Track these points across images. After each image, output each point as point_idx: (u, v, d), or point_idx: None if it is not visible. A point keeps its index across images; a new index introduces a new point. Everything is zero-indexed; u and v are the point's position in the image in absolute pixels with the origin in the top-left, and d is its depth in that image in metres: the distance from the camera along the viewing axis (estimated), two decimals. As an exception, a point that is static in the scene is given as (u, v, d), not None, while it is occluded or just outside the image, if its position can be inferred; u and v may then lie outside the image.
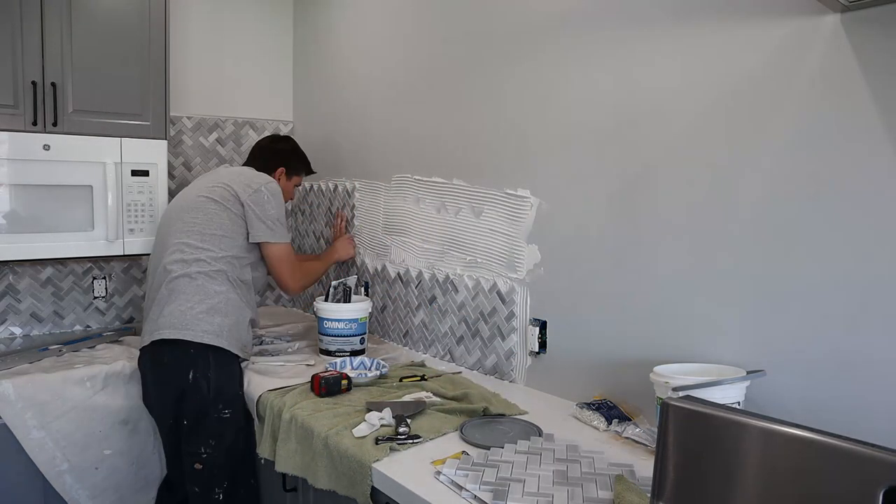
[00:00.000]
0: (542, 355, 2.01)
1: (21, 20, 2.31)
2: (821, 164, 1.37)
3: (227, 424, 2.07)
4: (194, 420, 2.06)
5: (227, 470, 2.07)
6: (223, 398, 2.07)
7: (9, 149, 2.31)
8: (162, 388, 2.13)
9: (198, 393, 2.05)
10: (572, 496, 1.30)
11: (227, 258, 2.18)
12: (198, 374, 2.06)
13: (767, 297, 1.46)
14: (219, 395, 2.06)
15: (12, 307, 2.67)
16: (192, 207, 2.23)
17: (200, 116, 3.05)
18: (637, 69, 1.71)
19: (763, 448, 1.04)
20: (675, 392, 1.36)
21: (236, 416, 2.09)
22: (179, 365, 2.07)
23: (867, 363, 1.31)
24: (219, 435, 2.06)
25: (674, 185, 1.64)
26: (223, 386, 2.08)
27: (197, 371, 2.06)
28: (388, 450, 1.54)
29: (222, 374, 2.09)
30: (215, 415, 2.06)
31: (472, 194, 2.21)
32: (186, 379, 2.05)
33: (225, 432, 2.07)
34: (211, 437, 2.05)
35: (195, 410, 2.06)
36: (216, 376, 2.08)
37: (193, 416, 2.07)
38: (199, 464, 2.05)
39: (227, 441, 2.07)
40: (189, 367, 2.06)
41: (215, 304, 2.12)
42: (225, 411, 2.07)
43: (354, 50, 2.82)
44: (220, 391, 2.07)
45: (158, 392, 2.15)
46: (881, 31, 1.27)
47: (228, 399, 2.08)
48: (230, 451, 2.07)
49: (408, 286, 2.52)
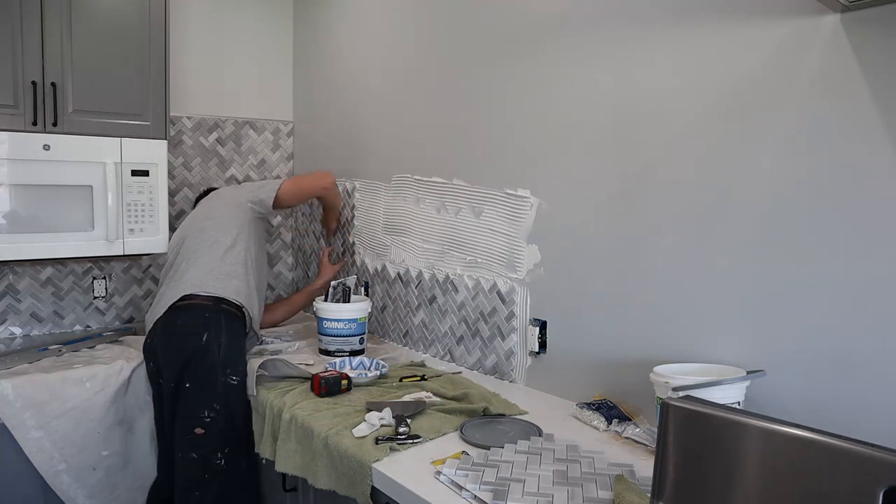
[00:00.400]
0: (542, 355, 2.01)
1: (21, 20, 2.31)
2: (821, 164, 1.37)
3: (232, 391, 2.10)
4: (199, 383, 2.08)
5: (229, 436, 2.08)
6: (231, 364, 2.11)
7: (9, 149, 2.31)
8: (171, 353, 2.15)
9: (208, 356, 2.09)
10: (572, 496, 1.30)
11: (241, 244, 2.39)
12: (210, 337, 2.11)
13: (767, 297, 1.46)
14: (228, 360, 2.11)
15: (12, 307, 2.67)
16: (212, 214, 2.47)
17: (200, 116, 3.05)
18: (637, 69, 1.71)
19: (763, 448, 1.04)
20: (675, 392, 1.36)
21: (242, 383, 2.12)
22: (193, 327, 2.13)
23: (867, 363, 1.31)
24: (224, 399, 2.08)
25: (674, 184, 1.64)
26: (233, 352, 2.14)
27: (210, 334, 2.11)
28: (388, 450, 1.54)
29: (234, 339, 2.17)
30: (223, 379, 2.09)
31: (472, 194, 2.21)
32: (199, 341, 2.10)
33: (230, 398, 2.09)
34: (216, 402, 2.07)
35: (202, 373, 2.08)
36: (227, 342, 2.14)
37: (199, 379, 2.08)
38: (200, 428, 2.06)
39: (231, 407, 2.09)
40: (203, 329, 2.12)
41: (232, 269, 2.29)
42: (232, 377, 2.10)
43: (354, 50, 2.82)
44: (230, 357, 2.12)
45: (167, 359, 2.16)
46: (881, 31, 1.27)
47: (236, 366, 2.13)
48: (233, 417, 2.09)
49: (408, 286, 2.52)
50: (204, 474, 2.04)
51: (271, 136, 3.24)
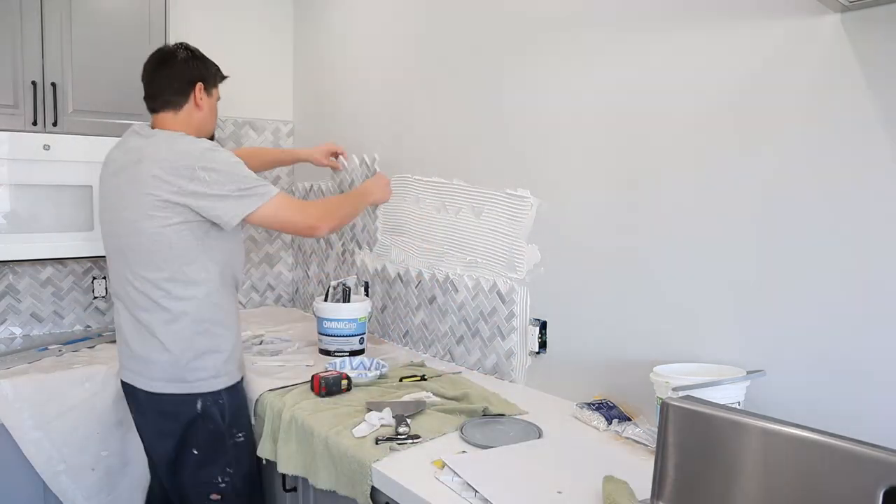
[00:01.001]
0: (542, 355, 2.01)
1: (21, 20, 2.31)
2: (821, 165, 1.37)
3: (242, 449, 1.93)
4: (207, 449, 1.89)
5: (247, 492, 1.95)
6: (237, 422, 1.93)
7: (9, 149, 2.30)
8: (163, 423, 1.90)
9: (211, 422, 1.88)
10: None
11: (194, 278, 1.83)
12: (207, 402, 1.87)
13: (768, 297, 1.46)
14: (234, 419, 1.92)
15: (12, 307, 2.67)
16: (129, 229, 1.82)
17: (200, 116, 3.04)
18: (637, 70, 1.71)
19: (763, 448, 1.04)
20: (675, 392, 1.36)
21: (249, 438, 1.97)
22: (181, 402, 1.86)
23: (867, 363, 1.31)
24: (236, 461, 1.92)
25: (674, 184, 1.64)
26: (236, 409, 1.94)
27: (206, 400, 1.86)
28: (388, 450, 1.54)
29: (233, 396, 1.94)
30: (231, 441, 1.91)
31: (472, 194, 2.21)
32: (194, 409, 1.85)
33: (242, 457, 1.93)
34: (228, 465, 1.90)
35: (208, 439, 1.88)
36: (229, 400, 1.91)
37: (206, 445, 1.89)
38: (216, 494, 1.89)
39: (244, 466, 1.94)
40: (194, 400, 1.86)
41: (201, 346, 1.86)
42: (239, 435, 1.93)
43: (354, 50, 2.82)
44: (234, 415, 1.92)
45: (155, 433, 1.95)
46: (881, 31, 1.27)
47: (242, 423, 1.95)
48: (247, 475, 1.95)
49: (408, 286, 2.52)
50: None
51: (271, 136, 3.24)
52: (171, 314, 1.84)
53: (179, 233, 1.80)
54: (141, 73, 1.97)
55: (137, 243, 1.82)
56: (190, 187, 1.78)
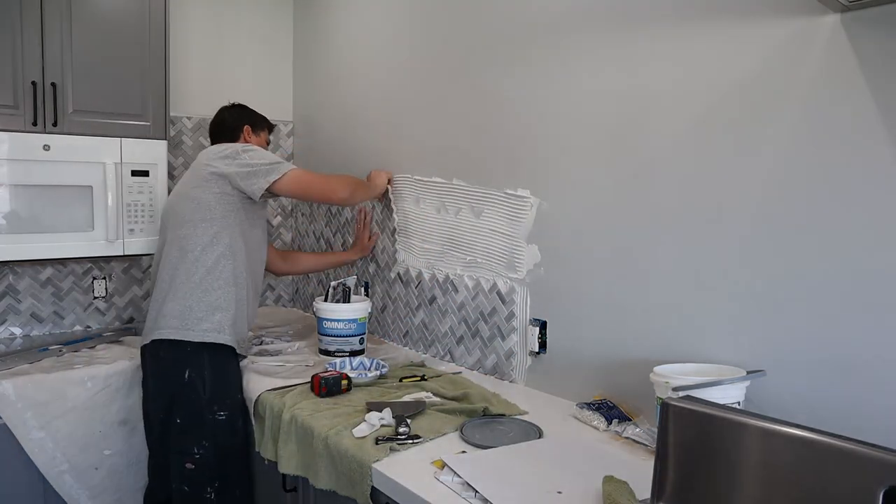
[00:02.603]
0: (542, 355, 2.01)
1: (21, 20, 2.31)
2: (821, 164, 1.37)
3: (221, 426, 2.05)
4: (188, 420, 2.05)
5: (219, 470, 2.06)
6: (218, 400, 2.06)
7: (9, 149, 2.31)
8: (159, 385, 2.12)
9: (193, 393, 2.04)
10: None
11: (222, 243, 2.11)
12: (193, 373, 2.04)
13: (767, 296, 1.46)
14: (214, 396, 2.05)
15: (12, 307, 2.67)
16: (182, 198, 2.17)
17: (200, 116, 3.05)
18: (637, 69, 1.71)
19: (763, 448, 1.04)
20: (675, 392, 1.36)
21: (232, 418, 2.08)
22: (176, 363, 2.06)
23: (867, 363, 1.31)
24: (212, 436, 2.04)
25: (674, 184, 1.64)
26: (219, 387, 2.07)
27: (193, 371, 2.04)
28: (388, 450, 1.54)
29: (219, 375, 2.08)
30: (210, 416, 2.04)
31: (472, 194, 2.21)
32: (182, 378, 2.04)
33: (219, 434, 2.05)
34: (204, 439, 2.04)
35: (189, 410, 2.04)
36: (212, 377, 2.06)
37: (187, 415, 2.05)
38: (190, 463, 2.03)
39: (220, 442, 2.05)
40: (185, 365, 2.05)
41: (215, 300, 2.10)
42: (220, 413, 2.05)
43: (354, 50, 2.82)
44: (216, 393, 2.06)
45: (156, 389, 2.13)
46: (881, 31, 1.27)
47: (224, 401, 2.07)
48: (223, 451, 2.06)
49: (408, 286, 2.52)
50: None
51: (271, 136, 3.23)
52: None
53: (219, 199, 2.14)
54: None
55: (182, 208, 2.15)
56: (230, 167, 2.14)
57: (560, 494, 1.30)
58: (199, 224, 2.12)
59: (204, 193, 2.13)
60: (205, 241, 2.11)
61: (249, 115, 2.50)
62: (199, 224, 2.12)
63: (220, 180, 2.13)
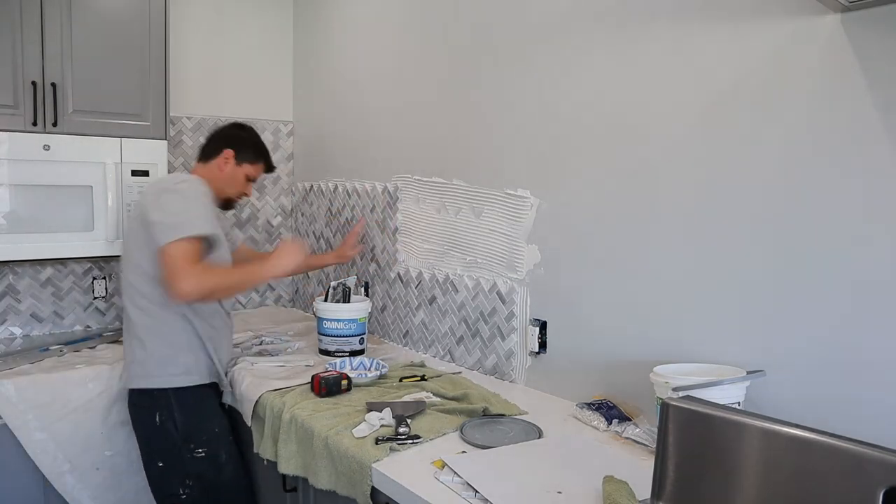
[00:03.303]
0: (542, 355, 2.01)
1: (21, 20, 2.31)
2: (820, 164, 1.37)
3: (202, 463, 2.02)
4: (167, 462, 2.02)
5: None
6: (194, 438, 2.01)
7: (9, 149, 2.31)
8: (137, 432, 2.09)
9: (166, 434, 2.00)
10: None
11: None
12: (163, 416, 2.00)
13: (767, 296, 1.46)
14: (188, 435, 2.01)
15: (12, 307, 2.66)
16: (127, 233, 2.11)
17: (200, 116, 3.05)
18: (637, 70, 1.71)
19: (763, 448, 1.04)
20: (675, 392, 1.36)
21: (213, 453, 2.03)
22: (146, 409, 2.03)
23: (867, 363, 1.31)
24: (195, 475, 2.01)
25: (673, 184, 1.64)
26: (192, 426, 2.02)
27: (162, 414, 2.00)
28: (388, 450, 1.54)
29: (190, 413, 2.03)
30: (188, 455, 2.01)
31: (472, 194, 2.21)
32: (154, 422, 2.01)
33: (202, 472, 2.02)
34: (187, 478, 2.01)
35: (166, 453, 2.01)
36: (183, 418, 2.01)
37: (165, 458, 2.02)
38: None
39: (206, 479, 2.02)
40: (154, 409, 2.01)
41: (174, 341, 2.02)
42: (198, 451, 2.01)
43: (355, 50, 2.82)
44: (190, 432, 2.01)
45: (137, 433, 2.10)
46: (881, 31, 1.27)
47: (200, 438, 2.02)
48: (212, 487, 2.03)
49: (408, 286, 2.52)
50: None
51: (271, 137, 3.24)
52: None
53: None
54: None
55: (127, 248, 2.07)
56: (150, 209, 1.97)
57: (560, 494, 1.30)
58: (138, 268, 1.99)
59: (139, 233, 1.99)
60: (150, 284, 1.98)
61: (243, 141, 2.25)
62: (139, 268, 1.99)
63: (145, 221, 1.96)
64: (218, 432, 2.07)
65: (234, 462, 2.08)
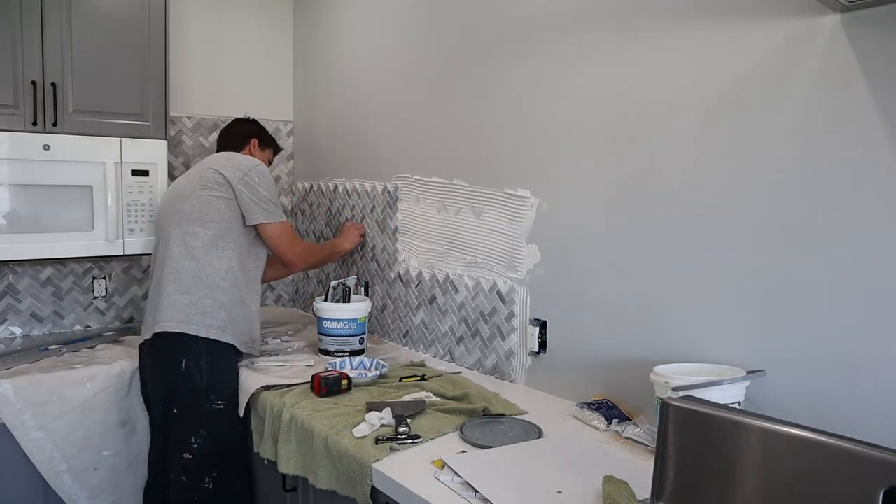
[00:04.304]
0: (542, 355, 2.01)
1: (21, 20, 2.31)
2: (820, 164, 1.37)
3: (219, 416, 2.07)
4: (185, 410, 2.07)
5: (217, 460, 2.07)
6: (216, 390, 2.08)
7: (9, 149, 2.31)
8: (157, 375, 2.15)
9: (190, 382, 2.06)
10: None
11: (227, 245, 2.17)
12: (190, 363, 2.06)
13: (767, 296, 1.46)
14: (212, 386, 2.07)
15: (12, 307, 2.66)
16: (188, 195, 2.20)
17: (200, 116, 3.05)
18: (637, 69, 1.71)
19: (763, 448, 1.04)
20: (675, 392, 1.36)
21: (230, 409, 2.09)
22: (171, 352, 2.09)
23: (867, 363, 1.31)
24: (210, 426, 2.06)
25: (674, 184, 1.64)
26: (217, 377, 2.09)
27: (189, 360, 2.07)
28: (388, 450, 1.54)
29: (216, 365, 2.10)
30: (207, 405, 2.06)
31: (472, 194, 2.21)
32: (179, 367, 2.06)
33: (217, 424, 2.07)
34: (202, 428, 2.06)
35: (186, 400, 2.07)
36: (209, 367, 2.08)
37: (184, 405, 2.07)
38: (188, 453, 2.05)
39: (218, 433, 2.07)
40: (182, 355, 2.07)
41: (218, 297, 2.13)
42: (217, 402, 2.07)
43: (354, 50, 2.81)
44: (214, 382, 2.08)
45: (154, 379, 2.17)
46: (881, 31, 1.27)
47: (222, 391, 2.09)
48: (222, 442, 2.08)
49: (408, 286, 2.52)
50: (194, 497, 2.06)
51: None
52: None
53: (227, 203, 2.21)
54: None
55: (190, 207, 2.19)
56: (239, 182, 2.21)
57: (560, 494, 1.30)
58: (208, 223, 2.16)
59: (212, 194, 2.19)
60: (211, 239, 2.16)
61: (260, 130, 2.61)
62: (207, 223, 2.16)
63: (227, 188, 2.19)
64: (237, 389, 2.12)
65: (242, 426, 2.11)
